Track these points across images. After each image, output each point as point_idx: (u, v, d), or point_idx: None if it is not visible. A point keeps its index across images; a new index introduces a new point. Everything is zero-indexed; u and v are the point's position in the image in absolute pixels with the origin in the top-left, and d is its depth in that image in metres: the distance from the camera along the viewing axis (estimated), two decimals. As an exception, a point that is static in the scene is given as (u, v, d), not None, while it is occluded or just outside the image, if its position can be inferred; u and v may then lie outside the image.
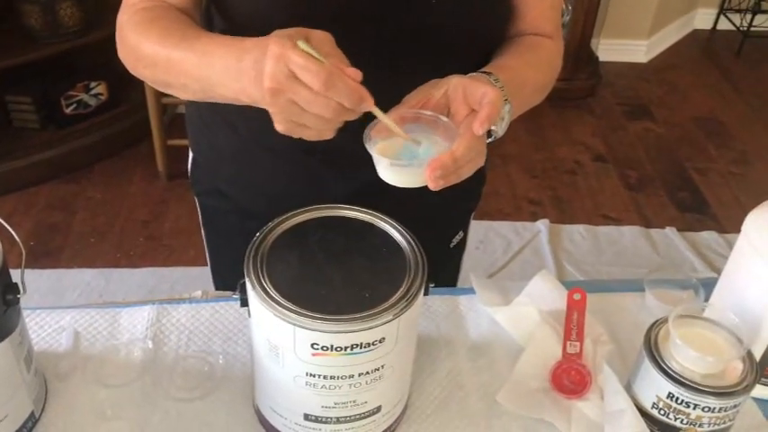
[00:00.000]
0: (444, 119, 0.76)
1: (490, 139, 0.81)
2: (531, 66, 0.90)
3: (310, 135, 0.72)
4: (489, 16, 0.89)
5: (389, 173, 0.76)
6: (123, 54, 0.87)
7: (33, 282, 2.21)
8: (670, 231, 2.62)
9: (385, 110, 0.74)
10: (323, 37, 0.69)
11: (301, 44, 0.67)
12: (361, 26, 0.82)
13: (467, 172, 0.75)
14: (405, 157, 0.76)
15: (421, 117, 0.77)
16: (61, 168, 2.69)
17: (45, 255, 2.35)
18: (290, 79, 0.66)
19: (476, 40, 0.90)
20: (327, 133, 0.72)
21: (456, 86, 0.76)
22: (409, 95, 0.78)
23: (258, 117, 0.96)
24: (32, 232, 2.44)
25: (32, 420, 0.81)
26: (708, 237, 2.61)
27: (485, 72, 0.81)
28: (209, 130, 1.05)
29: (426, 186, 0.74)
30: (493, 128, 0.79)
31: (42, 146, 2.64)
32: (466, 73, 0.79)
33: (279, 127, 0.71)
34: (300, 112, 0.68)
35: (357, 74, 0.68)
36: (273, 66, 0.66)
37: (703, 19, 4.17)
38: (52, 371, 0.88)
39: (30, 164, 2.61)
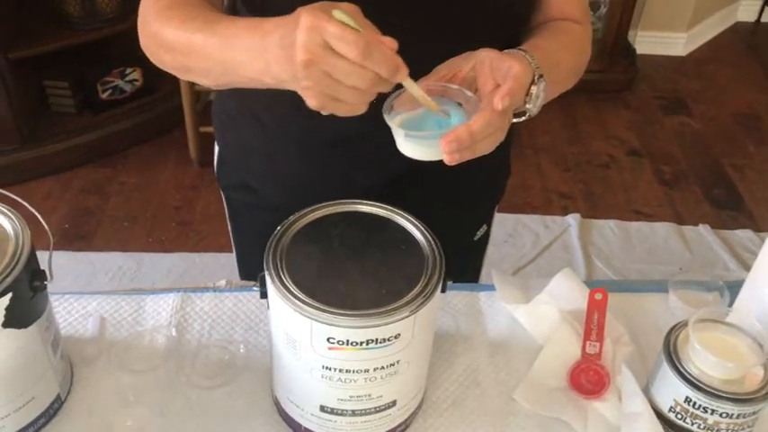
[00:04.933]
0: (469, 93, 0.75)
1: (524, 118, 0.79)
2: (565, 47, 0.89)
3: (344, 110, 0.69)
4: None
5: (406, 145, 0.75)
6: (145, 41, 0.87)
7: (66, 264, 2.26)
8: (703, 229, 2.58)
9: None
10: (350, 9, 0.67)
11: (338, 13, 0.64)
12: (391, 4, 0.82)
13: (484, 147, 0.72)
14: (423, 129, 0.74)
15: (447, 90, 0.76)
16: (96, 153, 2.74)
17: (78, 238, 2.40)
18: (324, 50, 0.64)
19: (500, 22, 0.89)
20: (361, 107, 0.69)
21: (483, 60, 0.75)
22: (438, 67, 0.77)
23: (284, 110, 0.97)
24: (67, 215, 2.49)
25: (58, 403, 0.84)
26: (742, 235, 2.56)
27: (520, 50, 0.79)
28: (235, 125, 1.06)
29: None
30: (528, 105, 0.77)
31: (78, 130, 2.69)
32: None
33: (311, 102, 0.68)
34: (334, 84, 0.66)
35: (393, 43, 0.66)
36: (306, 37, 0.64)
37: (747, 11, 4.07)
38: (78, 355, 0.90)
39: (66, 148, 2.66)
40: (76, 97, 2.70)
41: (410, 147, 0.75)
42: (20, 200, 0.81)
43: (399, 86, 0.71)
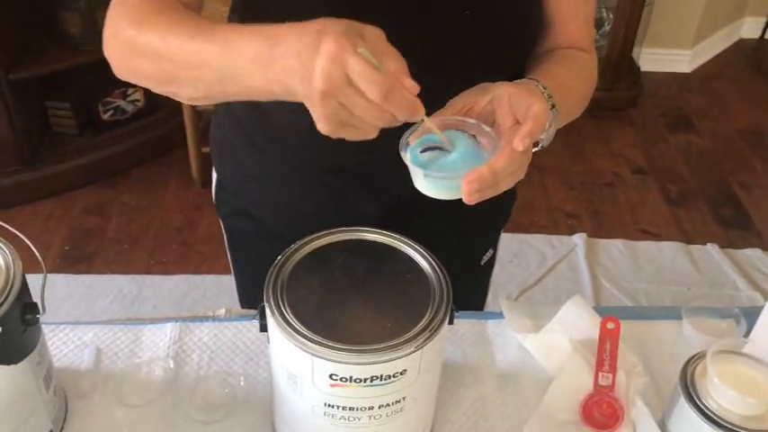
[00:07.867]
0: (487, 129, 0.73)
1: (536, 149, 0.77)
2: (575, 75, 0.88)
3: (354, 135, 0.67)
4: (521, 29, 0.87)
5: (424, 184, 0.73)
6: (111, 49, 0.80)
7: (67, 287, 2.23)
8: (711, 248, 2.54)
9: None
10: (376, 35, 0.64)
11: (363, 51, 0.62)
12: (404, 28, 0.79)
13: (505, 185, 0.70)
14: (442, 168, 0.72)
15: (464, 124, 0.73)
16: (98, 174, 2.72)
17: (79, 260, 2.37)
18: (346, 84, 0.62)
19: (507, 52, 0.87)
20: (372, 133, 0.67)
21: (501, 95, 0.73)
22: (454, 100, 0.74)
23: (285, 138, 0.94)
24: (68, 237, 2.47)
25: (51, 439, 0.81)
26: (751, 254, 2.53)
27: (532, 79, 0.78)
28: (235, 152, 1.03)
29: (458, 204, 0.70)
30: (541, 137, 0.75)
31: (80, 151, 2.67)
32: (496, 80, 0.76)
33: (322, 127, 0.66)
34: (349, 115, 0.64)
35: (415, 88, 0.64)
36: (329, 66, 0.61)
37: (751, 28, 4.06)
38: (73, 388, 0.87)
39: (67, 169, 2.64)
40: (78, 118, 2.69)
41: (429, 186, 0.72)
42: (14, 230, 0.78)
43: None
